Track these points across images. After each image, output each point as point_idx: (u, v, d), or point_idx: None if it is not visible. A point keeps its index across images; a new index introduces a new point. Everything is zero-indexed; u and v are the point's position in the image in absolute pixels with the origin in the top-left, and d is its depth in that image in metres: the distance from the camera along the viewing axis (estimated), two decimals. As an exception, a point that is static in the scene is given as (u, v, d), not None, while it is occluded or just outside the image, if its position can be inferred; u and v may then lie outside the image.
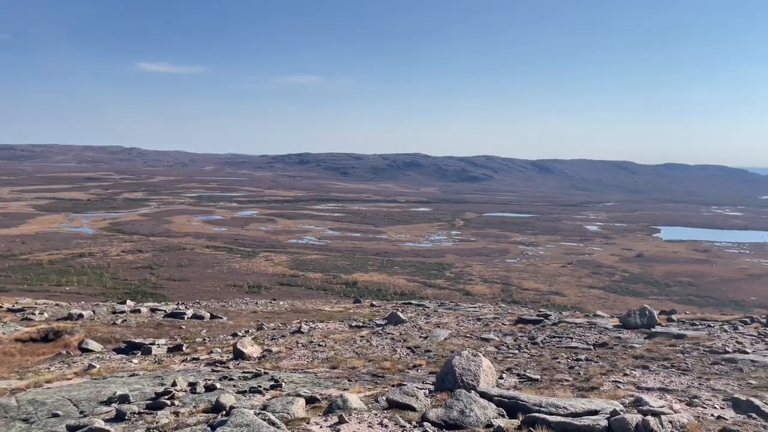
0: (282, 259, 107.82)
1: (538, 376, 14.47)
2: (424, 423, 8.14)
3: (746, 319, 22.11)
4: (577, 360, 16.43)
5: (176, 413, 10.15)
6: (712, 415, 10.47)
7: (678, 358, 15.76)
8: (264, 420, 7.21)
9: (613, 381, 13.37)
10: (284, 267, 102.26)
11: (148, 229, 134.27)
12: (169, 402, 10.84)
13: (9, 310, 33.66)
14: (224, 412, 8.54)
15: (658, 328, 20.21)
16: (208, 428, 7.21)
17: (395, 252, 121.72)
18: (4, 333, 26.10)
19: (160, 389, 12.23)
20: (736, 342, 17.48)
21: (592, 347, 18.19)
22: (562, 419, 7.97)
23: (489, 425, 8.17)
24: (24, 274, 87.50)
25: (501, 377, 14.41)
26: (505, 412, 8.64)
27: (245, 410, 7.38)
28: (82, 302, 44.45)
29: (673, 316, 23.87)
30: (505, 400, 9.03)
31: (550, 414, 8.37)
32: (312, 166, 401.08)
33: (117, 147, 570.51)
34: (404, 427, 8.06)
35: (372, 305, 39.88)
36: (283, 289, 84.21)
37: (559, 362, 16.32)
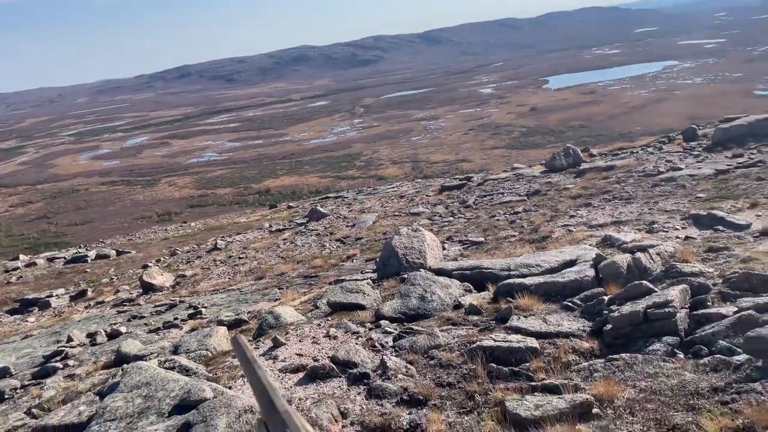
0: (186, 182, 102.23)
1: (482, 239, 13.30)
2: (381, 321, 6.52)
3: (664, 139, 21.97)
4: (516, 213, 15.42)
5: (71, 376, 8.11)
6: (677, 237, 9.62)
7: (616, 188, 15.05)
8: (173, 369, 5.41)
9: (562, 226, 12.37)
10: (190, 189, 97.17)
11: (32, 178, 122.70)
12: (61, 365, 8.72)
13: None
14: (125, 367, 6.59)
15: (584, 165, 19.60)
16: (97, 398, 5.32)
17: (302, 152, 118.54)
18: None
19: (54, 349, 10.01)
20: (666, 161, 17.04)
21: (526, 198, 17.28)
22: (542, 279, 6.60)
23: (458, 306, 6.68)
24: None
25: (443, 248, 13.06)
26: (471, 287, 7.18)
27: (143, 363, 5.49)
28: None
29: (594, 151, 23.49)
30: (467, 272, 7.56)
31: (524, 276, 6.98)
32: (194, 78, 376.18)
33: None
34: (357, 332, 6.41)
35: (289, 207, 37.92)
36: (195, 211, 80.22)
37: (498, 220, 15.26)
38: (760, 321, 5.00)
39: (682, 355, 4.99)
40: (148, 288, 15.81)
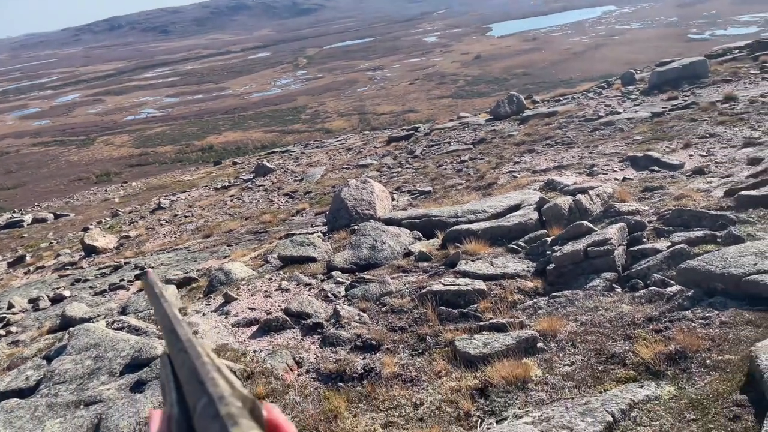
0: (124, 140, 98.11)
1: (430, 188, 13.44)
2: (332, 273, 6.58)
3: (603, 84, 22.45)
4: (462, 162, 15.60)
5: (15, 343, 7.88)
6: (616, 178, 9.99)
7: (558, 134, 15.38)
8: (122, 329, 5.33)
9: (507, 172, 12.62)
10: (129, 147, 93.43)
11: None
12: (3, 332, 8.46)
13: None
14: (71, 330, 6.45)
15: (527, 112, 19.87)
16: (45, 362, 5.20)
17: (244, 106, 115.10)
18: None
19: (-6, 318, 9.67)
20: (605, 105, 17.47)
21: (472, 146, 17.46)
22: (488, 224, 6.76)
23: (408, 254, 6.80)
24: None
25: (392, 198, 13.14)
26: (421, 235, 7.30)
27: (91, 325, 5.38)
28: None
29: (537, 98, 23.81)
30: (416, 221, 7.67)
31: (471, 222, 7.14)
32: (125, 30, 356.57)
33: None
34: (309, 284, 6.45)
35: (234, 163, 37.11)
36: (135, 170, 77.33)
37: (446, 169, 15.42)
38: (691, 254, 5.31)
39: (619, 290, 5.27)
40: (90, 251, 15.33)
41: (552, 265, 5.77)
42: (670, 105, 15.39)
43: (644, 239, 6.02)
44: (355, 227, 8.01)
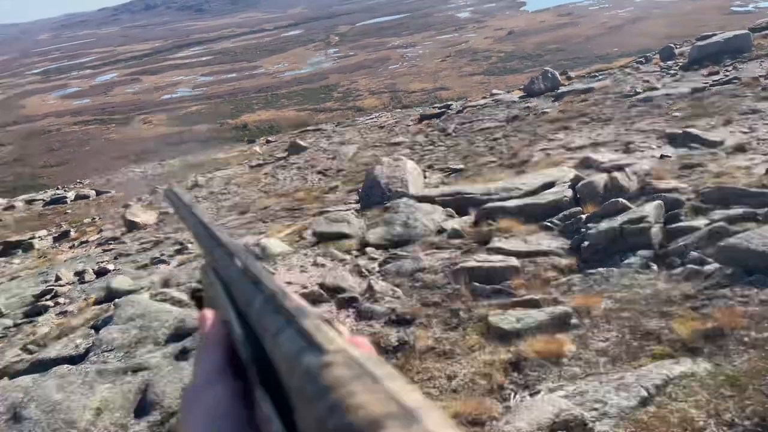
0: (161, 119, 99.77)
1: (463, 165, 13.40)
2: (366, 249, 6.69)
3: (641, 59, 21.87)
4: (495, 139, 15.48)
5: (63, 313, 8.25)
6: (653, 155, 9.80)
7: (594, 110, 15.11)
8: (165, 301, 5.55)
9: (541, 150, 12.48)
10: (166, 126, 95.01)
11: (1, 119, 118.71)
12: (52, 303, 8.84)
13: None
14: (116, 301, 6.72)
15: (562, 89, 19.55)
16: (92, 331, 5.46)
17: (277, 84, 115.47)
18: None
19: (43, 288, 10.11)
20: (643, 81, 17.06)
21: (505, 123, 17.29)
22: (522, 202, 6.76)
23: (441, 231, 6.85)
24: None
25: (425, 176, 13.14)
26: (453, 212, 7.34)
27: (135, 297, 5.62)
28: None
29: (572, 74, 23.36)
30: (449, 198, 7.70)
31: (504, 200, 7.14)
32: (161, 9, 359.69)
33: None
34: (344, 260, 6.58)
35: (268, 142, 37.46)
36: (171, 149, 78.74)
37: (478, 147, 15.33)
38: (730, 231, 5.23)
39: (656, 267, 5.23)
40: (132, 226, 15.80)
41: (587, 243, 5.76)
42: (711, 80, 14.96)
43: (682, 217, 5.95)
44: (388, 204, 8.09)
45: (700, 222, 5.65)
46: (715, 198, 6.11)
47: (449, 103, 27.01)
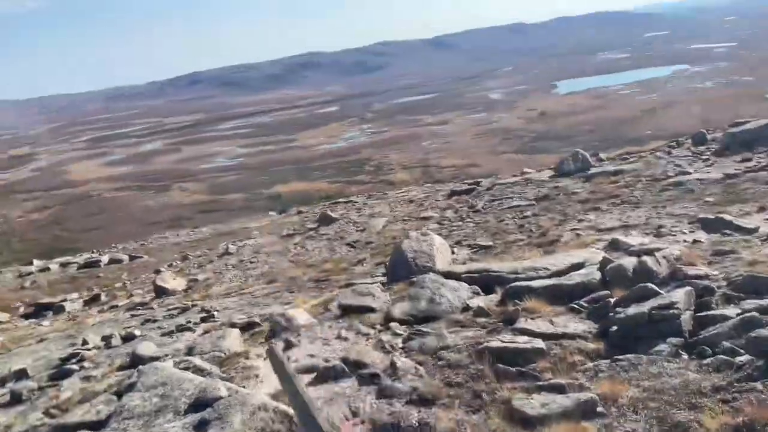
0: (197, 187, 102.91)
1: (491, 243, 13.40)
2: (390, 324, 6.68)
3: (673, 144, 21.96)
4: (525, 218, 15.51)
5: (87, 378, 8.30)
6: (685, 240, 9.69)
7: (624, 192, 15.12)
8: (188, 369, 5.58)
9: (570, 230, 12.45)
10: (201, 194, 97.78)
11: (45, 184, 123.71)
12: (77, 366, 8.91)
13: None
14: (141, 368, 6.78)
15: (593, 170, 19.63)
16: (115, 398, 5.50)
17: (312, 157, 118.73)
18: None
19: (69, 352, 10.21)
20: (675, 165, 17.07)
21: (534, 202, 17.35)
22: (549, 282, 6.72)
23: (466, 308, 6.82)
24: None
25: (452, 252, 13.15)
26: (479, 290, 7.31)
27: (159, 364, 5.67)
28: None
29: (603, 155, 23.49)
30: (475, 275, 7.70)
31: (531, 279, 7.10)
32: (204, 85, 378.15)
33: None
34: (368, 334, 6.57)
35: (299, 212, 38.12)
36: (205, 216, 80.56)
37: (507, 224, 15.36)
38: (763, 322, 5.10)
39: (686, 356, 5.09)
40: (161, 292, 16.04)
41: (615, 327, 5.65)
42: (744, 167, 14.89)
43: (713, 305, 5.82)
44: (414, 279, 8.11)
45: (732, 311, 5.52)
46: (748, 287, 5.98)
47: (479, 180, 27.29)
